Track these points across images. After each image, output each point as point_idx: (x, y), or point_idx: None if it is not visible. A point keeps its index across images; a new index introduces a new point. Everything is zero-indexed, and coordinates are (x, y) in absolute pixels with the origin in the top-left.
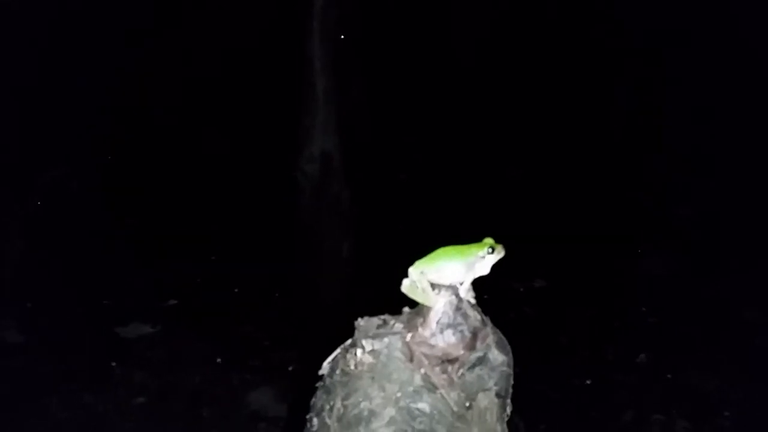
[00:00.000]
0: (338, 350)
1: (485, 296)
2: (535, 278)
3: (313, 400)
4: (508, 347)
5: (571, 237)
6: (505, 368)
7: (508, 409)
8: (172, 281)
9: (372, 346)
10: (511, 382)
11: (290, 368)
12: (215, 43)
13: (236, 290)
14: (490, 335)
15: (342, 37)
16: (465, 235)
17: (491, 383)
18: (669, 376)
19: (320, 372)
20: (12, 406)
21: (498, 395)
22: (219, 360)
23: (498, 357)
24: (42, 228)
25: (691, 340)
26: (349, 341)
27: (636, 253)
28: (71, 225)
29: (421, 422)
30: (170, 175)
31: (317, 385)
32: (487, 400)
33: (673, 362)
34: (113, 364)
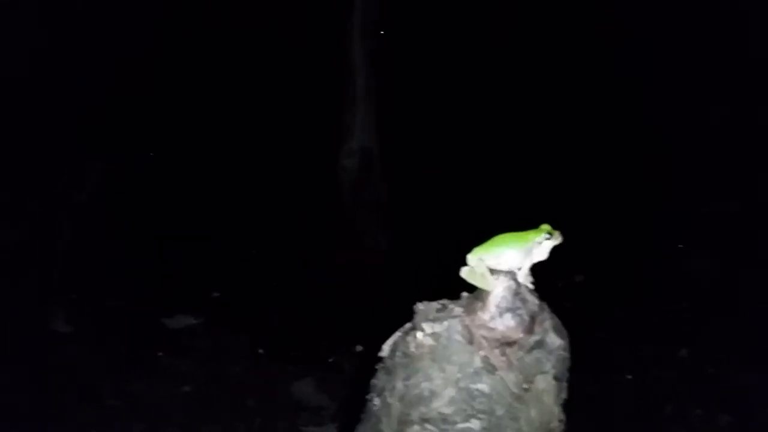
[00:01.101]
0: (398, 333)
1: None
2: (574, 273)
3: (374, 381)
4: (565, 332)
5: (611, 232)
6: (562, 352)
7: (564, 393)
8: (215, 274)
9: (432, 329)
10: (568, 365)
11: (330, 360)
12: (258, 41)
13: (275, 283)
14: (547, 320)
15: (382, 33)
16: (503, 228)
17: (549, 366)
18: (710, 371)
19: (380, 354)
20: (64, 395)
21: (555, 378)
22: (261, 351)
23: (555, 341)
24: (89, 222)
25: (733, 336)
26: (408, 325)
27: (677, 248)
28: (117, 219)
29: (480, 402)
30: (213, 170)
31: (377, 366)
32: (544, 383)
33: (715, 357)
34: (160, 353)
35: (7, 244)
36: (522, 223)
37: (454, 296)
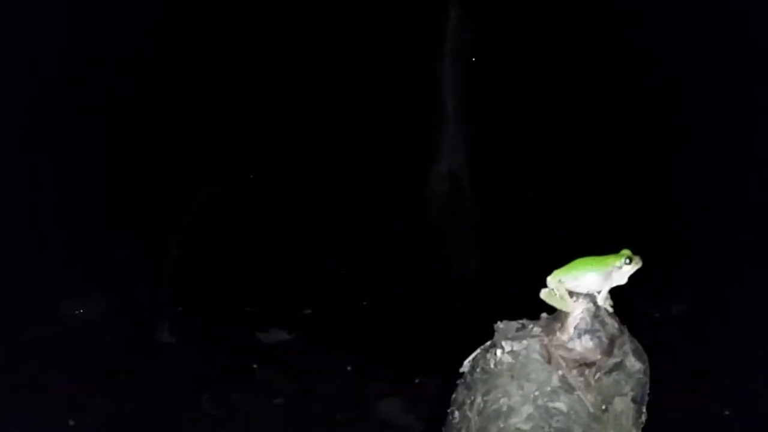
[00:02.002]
0: (478, 350)
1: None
2: (672, 304)
3: (454, 395)
4: (645, 356)
5: (709, 260)
6: (641, 376)
7: (644, 417)
8: (308, 292)
9: (511, 347)
10: (647, 390)
11: (417, 380)
12: (352, 65)
13: (365, 303)
14: (627, 343)
15: (473, 59)
16: (589, 251)
17: (627, 389)
18: None
19: (461, 370)
20: (167, 402)
21: (634, 401)
22: (349, 368)
23: (635, 364)
24: (194, 240)
25: None
26: (488, 342)
27: None
28: (220, 238)
29: (558, 420)
30: (309, 193)
31: (458, 381)
32: (623, 405)
33: None
34: (255, 366)
35: (121, 259)
36: (611, 247)
37: (536, 317)
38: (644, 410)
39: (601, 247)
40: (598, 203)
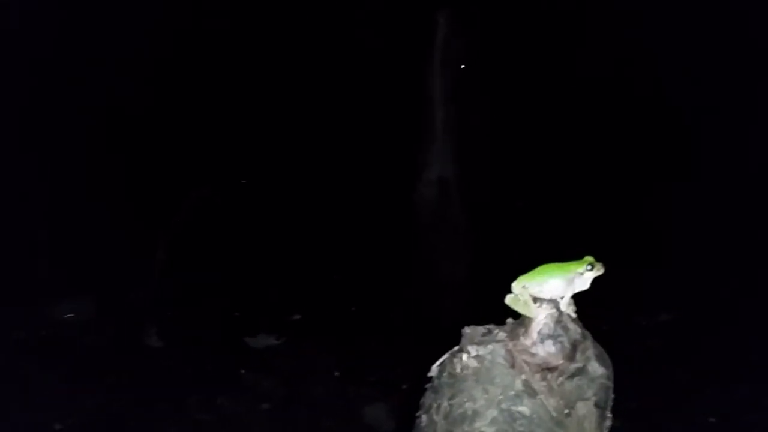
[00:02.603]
0: (446, 355)
1: (604, 328)
2: (660, 312)
3: (423, 399)
4: (609, 361)
5: (698, 268)
6: (604, 380)
7: (609, 422)
8: (297, 297)
9: (477, 352)
10: (611, 395)
11: (404, 386)
12: (339, 71)
13: (354, 308)
14: (590, 348)
15: (462, 67)
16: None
17: (590, 393)
18: None
19: (429, 374)
20: (154, 405)
21: (597, 405)
22: (337, 373)
23: (598, 369)
24: (184, 244)
25: None
26: (456, 347)
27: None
28: (209, 242)
29: (521, 424)
30: (298, 198)
31: (426, 386)
32: (585, 409)
33: None
34: (242, 371)
35: (110, 263)
36: (599, 256)
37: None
38: (609, 415)
39: (588, 255)
40: (586, 211)
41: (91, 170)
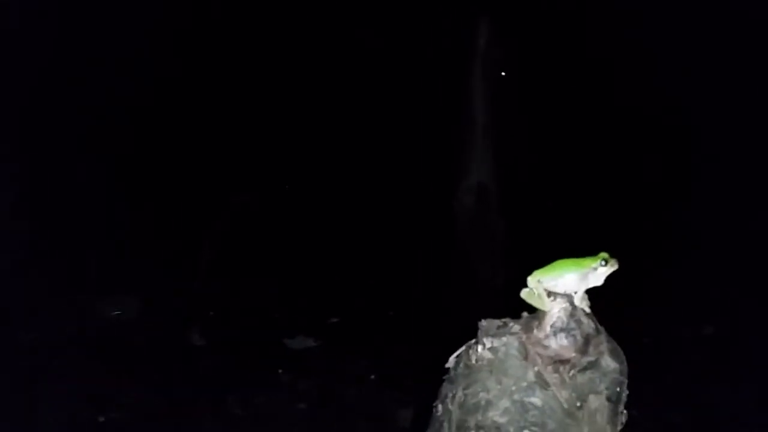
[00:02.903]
0: (463, 347)
1: (646, 340)
2: (704, 324)
3: (440, 389)
4: (623, 356)
5: (744, 280)
6: (617, 375)
7: (623, 417)
8: (335, 301)
9: (491, 344)
10: (625, 390)
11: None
12: (380, 78)
13: (391, 313)
14: (603, 343)
15: (503, 74)
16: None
17: (602, 387)
18: None
19: (447, 365)
20: (194, 401)
21: (609, 399)
22: (372, 377)
23: (610, 364)
24: (227, 247)
25: None
26: (473, 340)
27: None
28: (252, 245)
29: (533, 415)
30: (339, 204)
31: (444, 377)
32: (597, 402)
33: None
34: (280, 371)
35: (157, 264)
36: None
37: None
38: (623, 410)
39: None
40: (628, 221)
41: (140, 174)
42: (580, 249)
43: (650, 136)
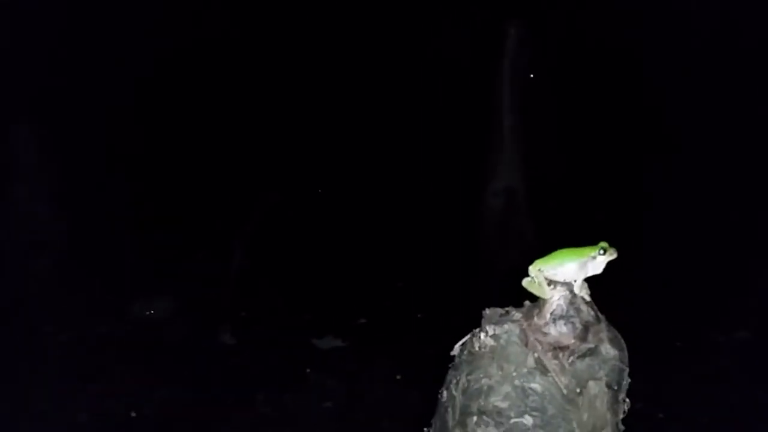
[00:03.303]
0: (468, 335)
1: (678, 343)
2: (738, 329)
3: (446, 376)
4: (623, 344)
5: None
6: (617, 362)
7: (625, 406)
8: (364, 302)
9: (494, 331)
10: (626, 377)
11: None
12: (409, 79)
13: (420, 315)
14: (603, 331)
15: (531, 76)
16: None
17: (601, 373)
18: None
19: (452, 353)
20: (223, 398)
21: (608, 386)
22: (399, 377)
23: (610, 351)
24: (258, 247)
25: None
26: (478, 328)
27: None
28: (282, 246)
29: (533, 400)
30: (368, 206)
31: (449, 365)
32: (597, 389)
33: None
34: (308, 370)
35: (189, 264)
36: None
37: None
38: (625, 399)
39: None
40: (665, 223)
41: (173, 175)
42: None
43: (683, 138)
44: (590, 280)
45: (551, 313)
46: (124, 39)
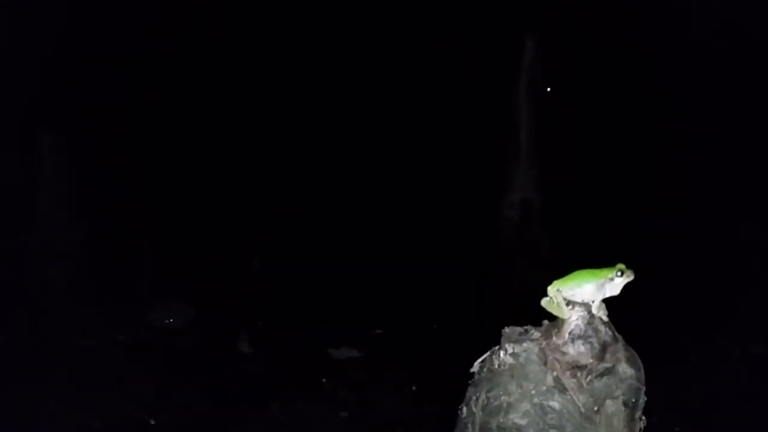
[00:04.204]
0: (488, 353)
1: (693, 357)
2: (753, 343)
3: (466, 392)
4: (640, 364)
5: None
6: (633, 381)
7: (642, 423)
8: (380, 313)
9: (513, 349)
10: (643, 396)
11: None
12: (427, 93)
13: (435, 325)
14: (621, 351)
15: (548, 90)
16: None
17: (618, 392)
18: None
19: (471, 370)
20: (240, 406)
21: (625, 404)
22: (414, 387)
23: (627, 371)
24: (275, 258)
25: None
26: (497, 346)
27: None
28: (300, 256)
29: (551, 418)
30: (384, 217)
31: (469, 381)
32: (614, 407)
33: None
34: (324, 380)
35: (208, 274)
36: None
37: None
38: (641, 416)
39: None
40: (679, 236)
41: (191, 185)
42: (621, 262)
43: (699, 150)
44: (607, 299)
45: (569, 333)
46: (141, 48)
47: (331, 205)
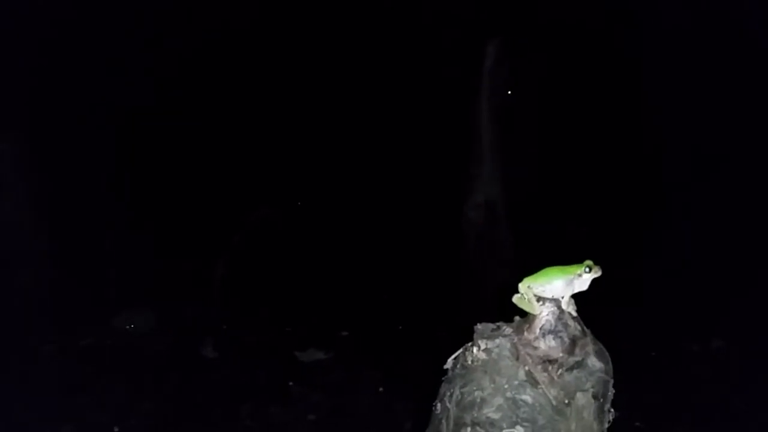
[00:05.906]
0: (461, 349)
1: (653, 353)
2: (712, 338)
3: (440, 389)
4: (608, 357)
5: (752, 293)
6: (602, 374)
7: (610, 416)
8: (346, 315)
9: (486, 345)
10: (611, 389)
11: None
12: (389, 95)
13: (401, 327)
14: (589, 345)
15: (509, 93)
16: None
17: (588, 385)
18: None
19: (445, 366)
20: (208, 412)
21: (595, 397)
22: (381, 389)
23: (596, 364)
24: (240, 261)
25: None
26: (470, 342)
27: None
28: (264, 260)
29: (524, 411)
30: (350, 219)
31: (443, 378)
32: (584, 400)
33: None
34: (291, 383)
35: (171, 278)
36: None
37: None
38: (610, 409)
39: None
40: (640, 233)
41: (156, 190)
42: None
43: (658, 151)
44: (576, 294)
45: (540, 328)
46: (117, 46)
47: (295, 208)
